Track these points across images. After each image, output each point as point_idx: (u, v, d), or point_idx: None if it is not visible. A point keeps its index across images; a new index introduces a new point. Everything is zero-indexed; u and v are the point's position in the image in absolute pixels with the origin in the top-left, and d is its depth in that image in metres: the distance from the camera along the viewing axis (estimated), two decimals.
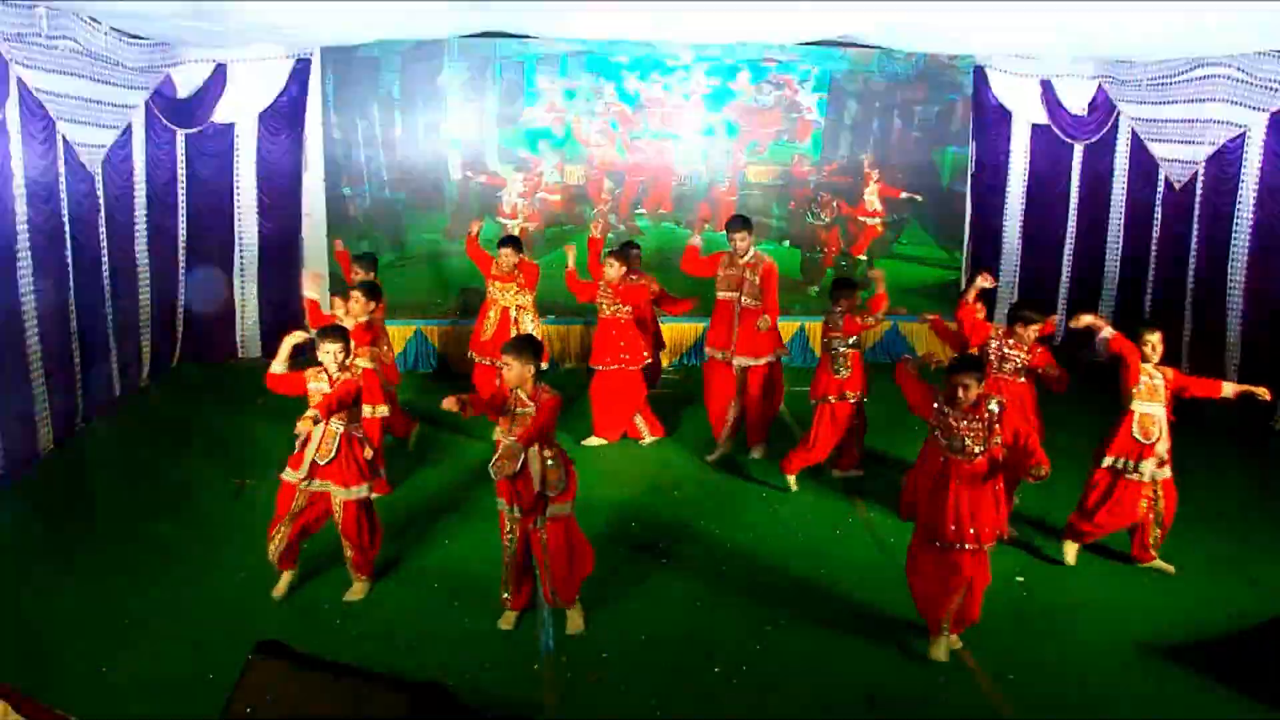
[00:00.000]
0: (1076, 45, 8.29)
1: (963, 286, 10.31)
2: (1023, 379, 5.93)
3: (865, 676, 4.61)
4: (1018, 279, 10.13)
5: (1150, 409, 5.37)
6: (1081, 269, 9.94)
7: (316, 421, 4.73)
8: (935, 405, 4.64)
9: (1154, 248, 9.18)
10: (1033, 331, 5.84)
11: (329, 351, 5.00)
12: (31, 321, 6.75)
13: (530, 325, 7.42)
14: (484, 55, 9.10)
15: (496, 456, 4.63)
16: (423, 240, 9.46)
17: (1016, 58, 9.43)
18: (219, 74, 8.71)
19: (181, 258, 8.96)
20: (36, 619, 4.94)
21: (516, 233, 8.60)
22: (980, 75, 9.71)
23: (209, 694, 4.23)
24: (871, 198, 9.95)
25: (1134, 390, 5.39)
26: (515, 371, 4.60)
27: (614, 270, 7.15)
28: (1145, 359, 5.39)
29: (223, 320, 9.32)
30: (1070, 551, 5.72)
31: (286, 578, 5.20)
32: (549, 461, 4.67)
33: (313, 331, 5.45)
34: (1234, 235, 8.17)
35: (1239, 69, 7.92)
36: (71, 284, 7.25)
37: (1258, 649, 4.85)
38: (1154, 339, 5.36)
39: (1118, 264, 9.65)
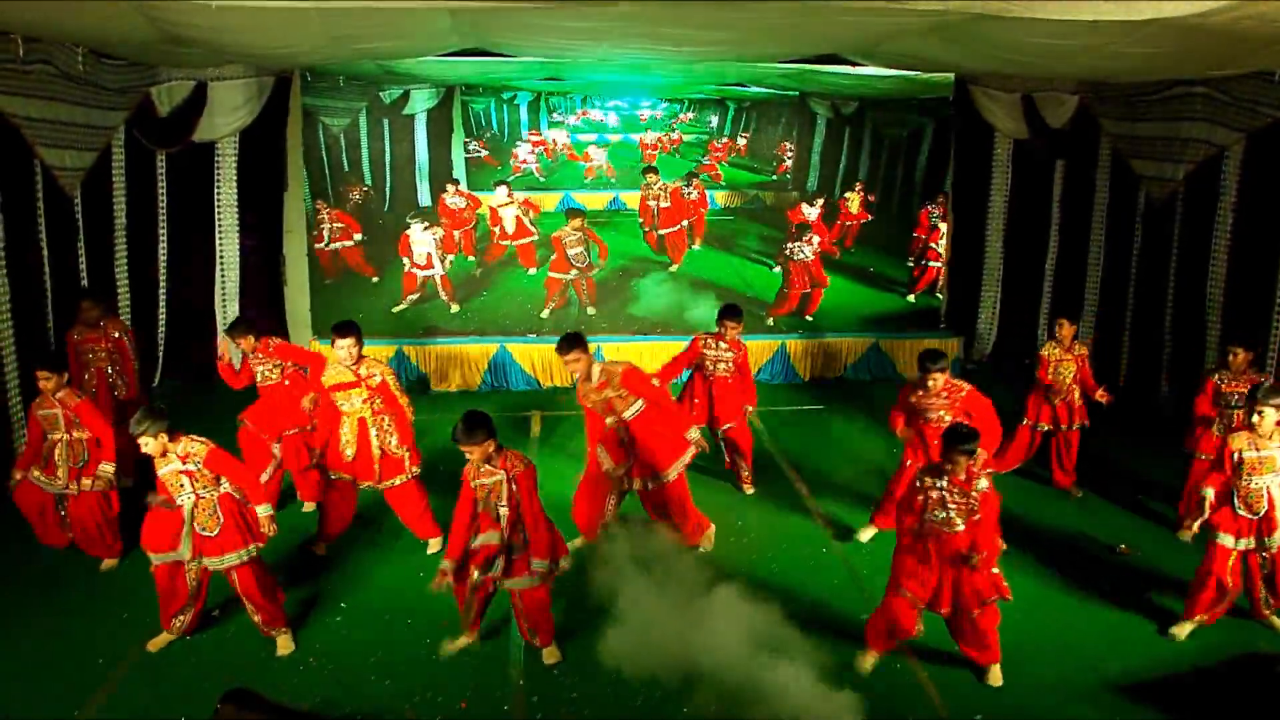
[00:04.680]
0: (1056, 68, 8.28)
1: (943, 308, 10.40)
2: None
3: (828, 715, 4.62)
4: (999, 294, 10.15)
5: None
6: (1062, 284, 9.96)
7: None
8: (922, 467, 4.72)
9: (1134, 264, 9.20)
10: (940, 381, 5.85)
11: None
12: (9, 345, 6.75)
13: (395, 443, 5.90)
14: (449, 82, 9.09)
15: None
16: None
17: (999, 74, 9.43)
18: (199, 93, 8.67)
19: (163, 277, 8.94)
20: (4, 658, 4.95)
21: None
22: (962, 91, 9.71)
23: None
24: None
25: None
26: (480, 451, 4.58)
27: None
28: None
29: (205, 338, 9.30)
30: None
31: (168, 638, 5.10)
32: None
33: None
34: (1213, 253, 8.20)
35: (1217, 89, 7.93)
36: (50, 308, 7.24)
37: (1222, 686, 4.87)
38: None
39: (1099, 279, 9.67)
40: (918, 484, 4.67)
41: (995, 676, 4.90)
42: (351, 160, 13.23)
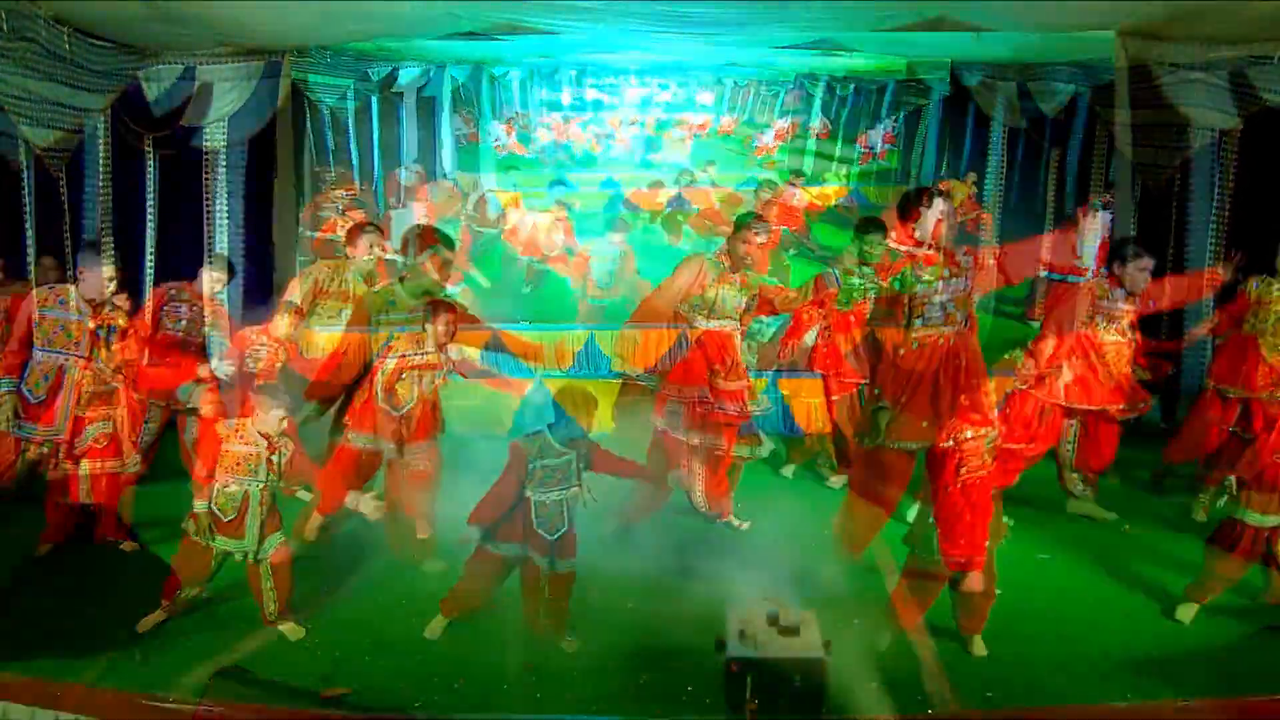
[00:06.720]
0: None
1: None
2: None
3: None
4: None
5: None
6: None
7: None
8: None
9: None
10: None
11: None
12: None
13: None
14: (438, 62, 8.93)
15: None
16: None
17: (994, 62, 9.42)
18: (188, 77, 8.53)
19: (149, 266, 8.79)
20: None
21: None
22: (957, 79, 9.69)
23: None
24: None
25: None
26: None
27: None
28: None
29: None
30: None
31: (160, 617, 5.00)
32: None
33: None
34: (1211, 239, 8.18)
35: (1215, 74, 7.92)
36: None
37: (1232, 663, 4.82)
38: None
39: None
40: None
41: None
42: (338, 140, 12.99)
